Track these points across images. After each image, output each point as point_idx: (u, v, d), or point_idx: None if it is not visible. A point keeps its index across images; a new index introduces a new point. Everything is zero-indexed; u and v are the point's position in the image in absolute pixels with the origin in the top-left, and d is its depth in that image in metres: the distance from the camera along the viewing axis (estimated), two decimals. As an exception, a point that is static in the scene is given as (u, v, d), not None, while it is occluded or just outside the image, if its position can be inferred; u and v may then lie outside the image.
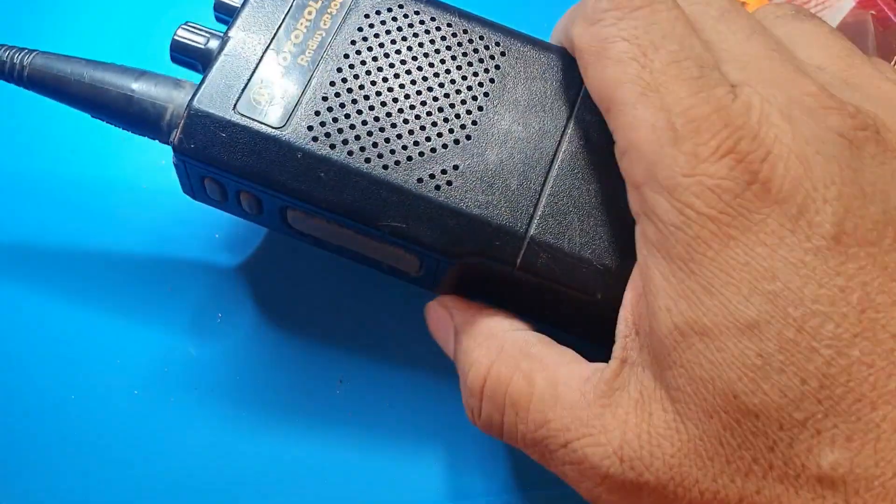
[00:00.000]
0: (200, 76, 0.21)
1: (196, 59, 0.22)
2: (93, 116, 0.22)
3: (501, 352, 0.19)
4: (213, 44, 0.22)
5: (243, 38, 0.21)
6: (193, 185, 0.21)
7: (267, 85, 0.20)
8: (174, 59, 0.22)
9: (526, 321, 0.21)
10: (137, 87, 0.21)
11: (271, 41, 0.21)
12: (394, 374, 0.24)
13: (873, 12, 0.24)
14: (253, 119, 0.20)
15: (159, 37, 0.23)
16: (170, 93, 0.21)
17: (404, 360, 0.25)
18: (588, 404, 0.17)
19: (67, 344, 0.24)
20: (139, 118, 0.21)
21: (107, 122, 0.22)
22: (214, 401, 0.24)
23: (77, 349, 0.24)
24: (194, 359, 0.24)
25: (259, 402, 0.24)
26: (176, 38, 0.22)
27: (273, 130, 0.20)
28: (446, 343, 0.21)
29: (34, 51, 0.22)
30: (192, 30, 0.22)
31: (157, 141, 0.21)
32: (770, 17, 0.20)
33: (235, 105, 0.20)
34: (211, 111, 0.20)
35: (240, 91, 0.20)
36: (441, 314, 0.21)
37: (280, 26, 0.21)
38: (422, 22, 0.21)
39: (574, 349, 0.19)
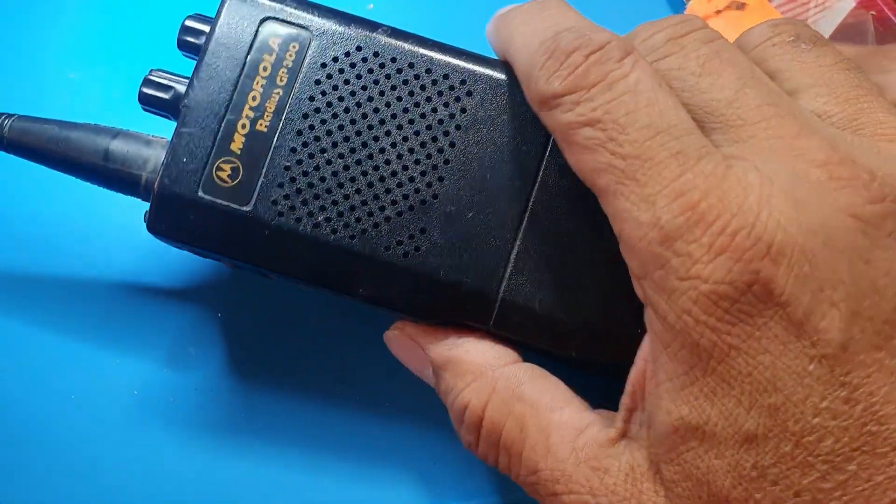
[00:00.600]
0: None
1: (166, 110, 0.22)
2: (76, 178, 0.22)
3: (493, 393, 0.19)
4: (181, 88, 0.21)
5: (200, 106, 0.20)
6: (175, 247, 0.22)
7: (228, 159, 0.20)
8: (145, 110, 0.22)
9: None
10: (112, 147, 0.21)
11: (228, 106, 0.20)
12: (393, 379, 0.25)
13: (873, 13, 0.22)
14: (217, 199, 0.20)
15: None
16: (142, 154, 0.21)
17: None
18: (578, 462, 0.17)
19: (61, 354, 0.25)
20: (116, 185, 0.21)
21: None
22: (213, 404, 0.25)
23: (75, 352, 0.25)
24: (194, 358, 0.25)
25: (256, 405, 0.25)
26: (142, 92, 0.21)
27: (238, 208, 0.20)
28: (421, 372, 0.21)
29: (13, 115, 0.22)
30: (157, 81, 0.21)
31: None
32: (767, 44, 0.18)
33: (199, 183, 0.20)
34: (177, 191, 0.20)
35: (201, 167, 0.20)
36: (408, 345, 0.21)
37: (236, 87, 0.20)
38: (381, 66, 0.20)
39: None
